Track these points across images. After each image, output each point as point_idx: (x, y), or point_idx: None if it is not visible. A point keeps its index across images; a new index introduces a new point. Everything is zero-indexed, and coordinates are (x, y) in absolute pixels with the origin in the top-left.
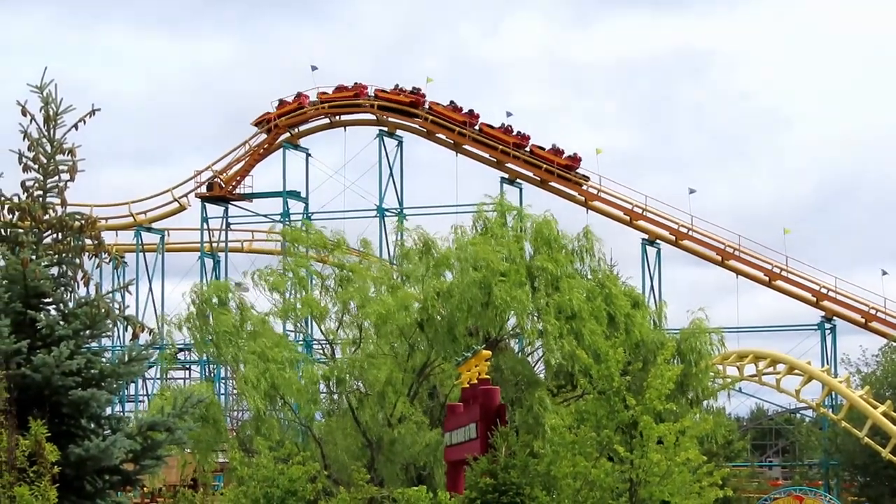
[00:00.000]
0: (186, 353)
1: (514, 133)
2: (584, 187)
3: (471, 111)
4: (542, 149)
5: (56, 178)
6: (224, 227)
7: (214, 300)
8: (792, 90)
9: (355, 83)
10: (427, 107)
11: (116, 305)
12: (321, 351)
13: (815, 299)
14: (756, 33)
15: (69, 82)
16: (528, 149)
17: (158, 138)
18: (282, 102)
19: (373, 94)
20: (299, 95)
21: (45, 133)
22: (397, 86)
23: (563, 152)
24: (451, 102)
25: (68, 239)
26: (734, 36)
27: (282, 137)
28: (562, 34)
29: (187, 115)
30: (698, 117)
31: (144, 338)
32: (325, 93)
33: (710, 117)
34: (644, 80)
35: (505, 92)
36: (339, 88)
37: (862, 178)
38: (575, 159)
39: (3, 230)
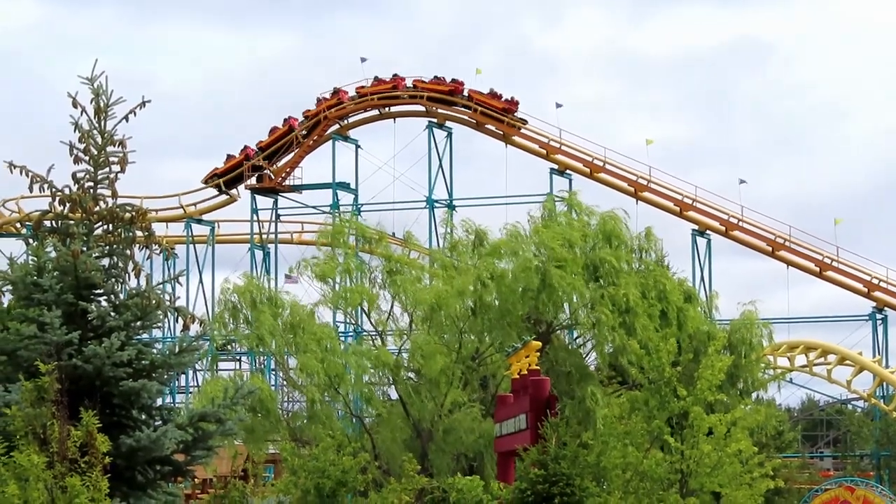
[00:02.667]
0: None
1: (504, 99)
2: (635, 178)
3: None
4: (481, 93)
5: (107, 169)
6: (274, 218)
7: (254, 295)
8: (851, 82)
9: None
10: (466, 94)
11: (167, 296)
12: (371, 342)
13: (866, 290)
14: (816, 25)
15: (131, 76)
16: (465, 93)
17: (216, 131)
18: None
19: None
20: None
21: (96, 125)
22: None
23: (500, 96)
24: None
25: (119, 230)
26: (794, 27)
27: (331, 129)
28: (621, 26)
29: (245, 107)
30: (756, 109)
31: (195, 329)
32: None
33: (767, 109)
34: (702, 71)
35: (562, 83)
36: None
37: None
38: (512, 103)
39: (54, 221)
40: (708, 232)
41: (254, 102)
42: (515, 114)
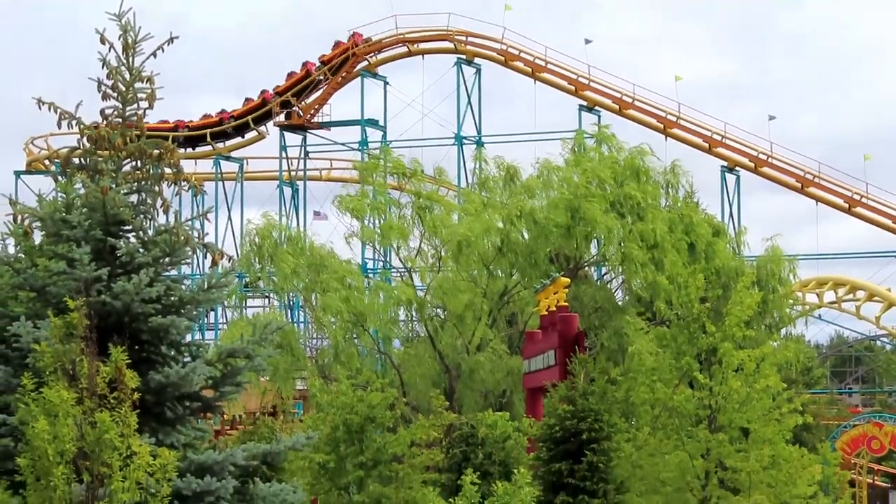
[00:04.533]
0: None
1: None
2: (664, 114)
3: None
4: None
5: (135, 105)
6: (302, 155)
7: (275, 235)
8: (890, 21)
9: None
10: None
11: (195, 233)
12: (399, 278)
13: (895, 226)
14: None
15: (163, 15)
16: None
17: (249, 69)
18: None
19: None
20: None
21: (124, 61)
22: None
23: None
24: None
25: (147, 167)
26: None
27: (360, 66)
28: None
29: (278, 45)
30: (792, 46)
31: (223, 265)
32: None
33: (803, 46)
34: (739, 7)
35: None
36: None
37: None
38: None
39: (82, 158)
40: (737, 168)
41: (287, 40)
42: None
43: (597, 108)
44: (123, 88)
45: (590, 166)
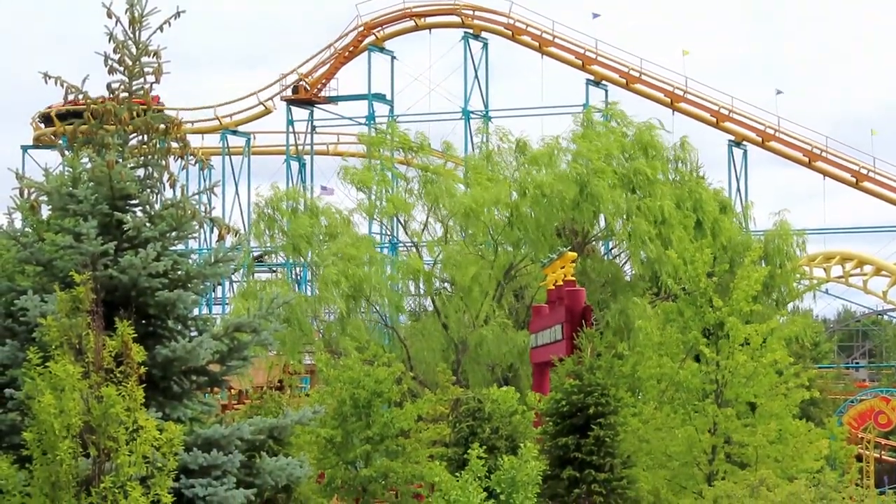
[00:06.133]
0: (274, 255)
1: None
2: (672, 89)
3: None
4: None
5: (141, 80)
6: (309, 130)
7: (286, 204)
8: None
9: None
10: None
11: (202, 207)
12: (406, 253)
13: None
14: None
15: None
16: None
17: (260, 42)
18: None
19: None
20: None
21: (131, 35)
22: None
23: None
24: None
25: (153, 141)
26: None
27: (367, 40)
28: None
29: (289, 19)
30: (803, 22)
31: (230, 239)
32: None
33: (814, 23)
34: None
35: None
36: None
37: None
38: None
39: (89, 132)
40: (744, 143)
41: (296, 14)
42: None
43: (604, 82)
44: (130, 63)
45: (599, 141)
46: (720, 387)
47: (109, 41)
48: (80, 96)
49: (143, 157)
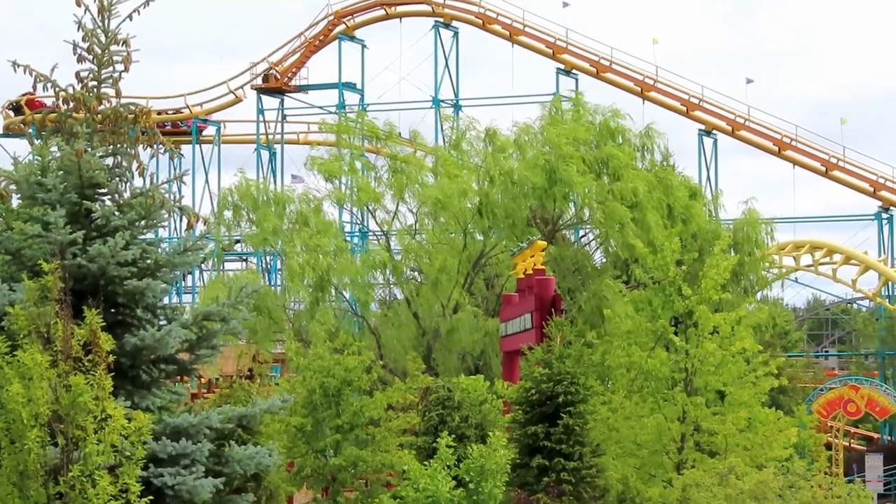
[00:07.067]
0: (243, 245)
1: None
2: (642, 78)
3: None
4: None
5: (110, 68)
6: (280, 118)
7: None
8: None
9: None
10: None
11: (171, 196)
12: (377, 242)
13: (872, 189)
14: None
15: None
16: None
17: (231, 31)
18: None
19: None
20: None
21: (100, 23)
22: None
23: None
24: None
25: (123, 129)
26: None
27: (337, 29)
28: None
29: (261, 8)
30: (775, 12)
31: (199, 228)
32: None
33: (786, 12)
34: None
35: None
36: None
37: None
38: None
39: (58, 121)
40: (714, 132)
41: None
42: None
43: (574, 71)
44: (99, 51)
45: (566, 128)
46: (689, 375)
47: (78, 30)
48: (49, 85)
49: (111, 146)
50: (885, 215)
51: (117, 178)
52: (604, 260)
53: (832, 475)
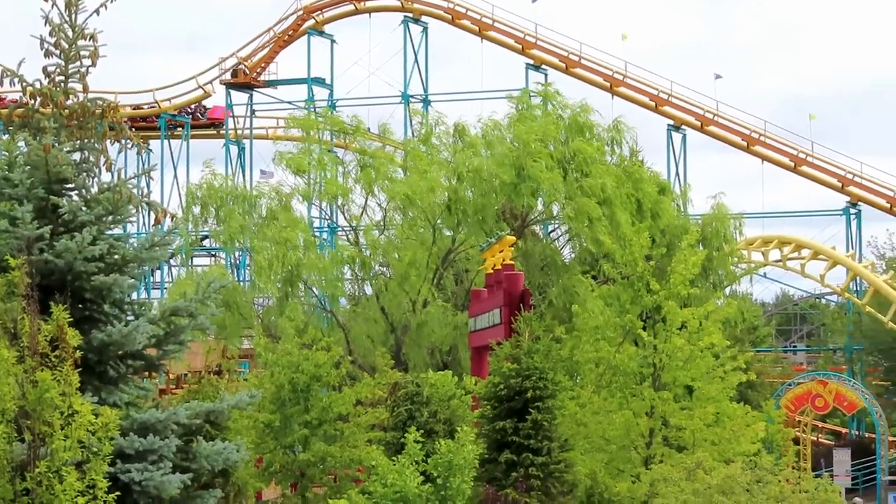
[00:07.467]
0: (211, 240)
1: None
2: (611, 73)
3: None
4: None
5: (77, 63)
6: (249, 114)
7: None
8: None
9: None
10: None
11: (139, 191)
12: (346, 238)
13: (840, 185)
14: None
15: None
16: None
17: (202, 26)
18: None
19: None
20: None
21: (67, 18)
22: None
23: None
24: None
25: (90, 124)
26: None
27: (307, 24)
28: None
29: (231, 2)
30: (746, 8)
31: (167, 223)
32: None
33: (757, 8)
34: None
35: None
36: None
37: None
38: None
39: (25, 116)
40: (683, 127)
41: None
42: None
43: (543, 66)
44: (66, 46)
45: (535, 123)
46: (657, 370)
47: (45, 24)
48: (16, 80)
49: (79, 141)
50: (853, 210)
51: (85, 174)
52: (573, 255)
53: (800, 470)
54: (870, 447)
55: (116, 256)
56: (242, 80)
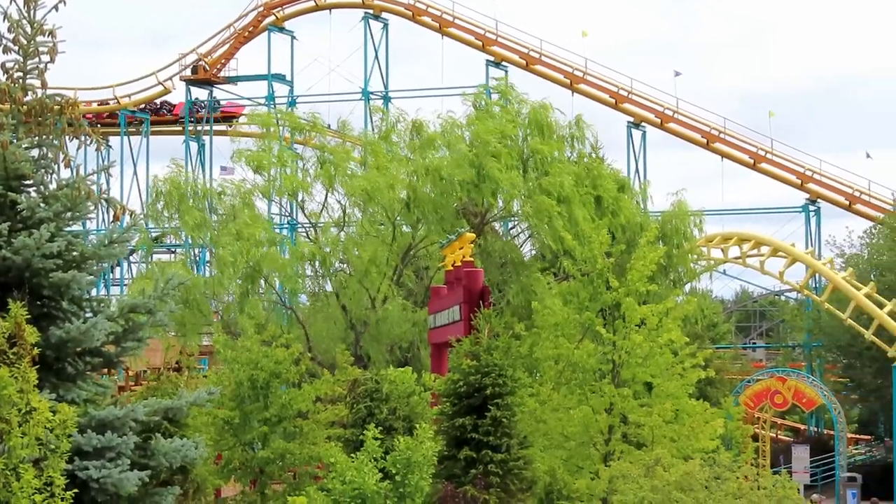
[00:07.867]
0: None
1: None
2: (571, 70)
3: None
4: None
5: (36, 59)
6: (208, 110)
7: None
8: None
9: None
10: None
11: (98, 188)
12: (305, 234)
13: (799, 182)
14: None
15: None
16: None
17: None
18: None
19: None
20: None
21: (25, 14)
22: None
23: None
24: None
25: (49, 121)
26: None
27: (267, 20)
28: None
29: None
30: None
31: (125, 220)
32: None
33: (716, 2)
34: None
35: None
36: None
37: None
38: None
39: None
40: (643, 124)
41: None
42: None
43: (504, 63)
44: (24, 42)
45: (493, 122)
46: (616, 367)
47: (4, 20)
48: None
49: (37, 137)
50: (812, 207)
51: (43, 170)
52: (533, 252)
53: (759, 466)
54: (828, 444)
55: (75, 253)
56: (202, 77)
